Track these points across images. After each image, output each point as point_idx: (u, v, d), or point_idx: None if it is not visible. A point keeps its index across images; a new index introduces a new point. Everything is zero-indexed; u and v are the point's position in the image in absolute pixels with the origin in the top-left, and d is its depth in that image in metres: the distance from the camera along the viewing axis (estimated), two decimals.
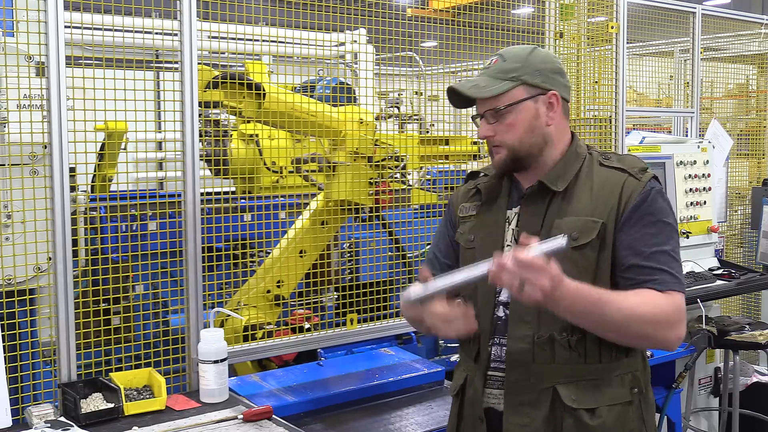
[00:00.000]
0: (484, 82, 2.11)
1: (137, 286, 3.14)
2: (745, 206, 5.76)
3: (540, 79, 2.09)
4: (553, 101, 2.10)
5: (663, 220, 2.04)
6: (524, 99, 2.08)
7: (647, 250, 2.00)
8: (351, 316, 3.37)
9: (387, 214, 3.80)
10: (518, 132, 2.09)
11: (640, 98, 6.49)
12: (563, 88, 2.13)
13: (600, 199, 2.06)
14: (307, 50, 4.80)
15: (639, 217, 2.02)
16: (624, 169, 2.09)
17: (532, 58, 2.11)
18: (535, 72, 2.09)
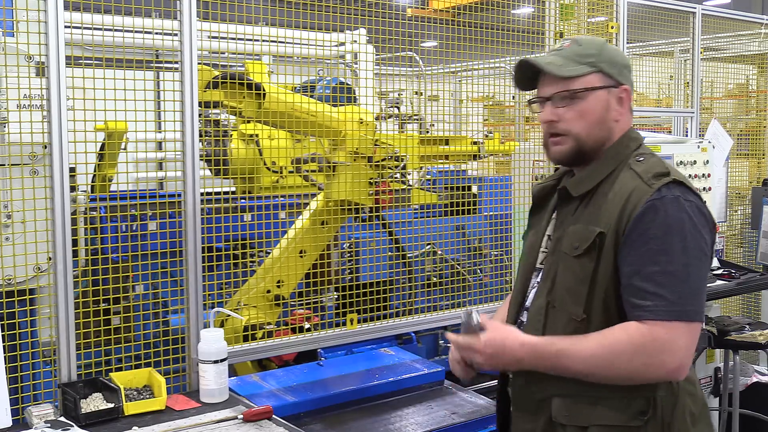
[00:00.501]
0: (560, 61, 1.96)
1: (137, 286, 3.14)
2: (745, 206, 5.76)
3: (616, 71, 1.99)
4: (624, 96, 2.00)
5: (673, 235, 1.81)
6: (599, 87, 1.96)
7: (646, 270, 1.82)
8: (351, 316, 3.37)
9: (387, 214, 3.80)
10: (588, 121, 1.97)
11: (640, 98, 6.49)
12: (630, 84, 2.03)
13: (610, 206, 1.91)
14: (307, 50, 4.80)
15: (642, 231, 1.83)
16: (639, 174, 1.92)
17: (608, 48, 2.01)
18: (611, 62, 1.98)
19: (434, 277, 4.43)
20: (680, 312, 1.81)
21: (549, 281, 1.99)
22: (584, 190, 1.98)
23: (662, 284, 1.81)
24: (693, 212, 1.84)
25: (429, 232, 4.02)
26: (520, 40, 3.90)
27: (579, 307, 1.92)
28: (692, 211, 1.84)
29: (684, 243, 1.82)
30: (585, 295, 1.90)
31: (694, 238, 1.83)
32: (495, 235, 4.27)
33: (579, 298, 1.92)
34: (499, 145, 4.19)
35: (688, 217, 1.83)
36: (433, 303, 3.94)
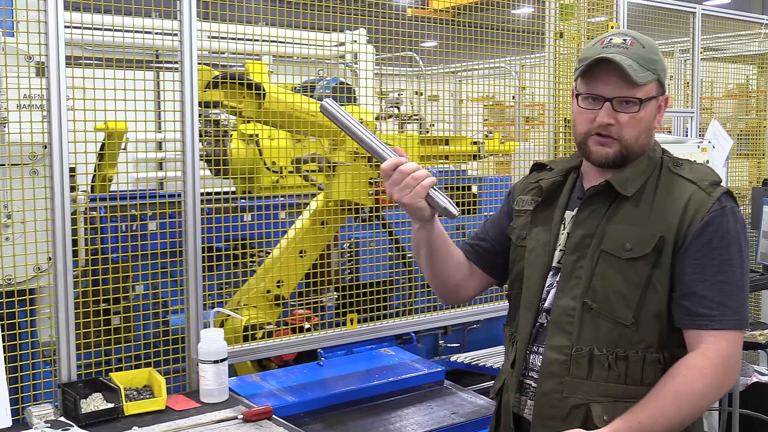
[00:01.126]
0: (635, 65, 1.87)
1: (137, 286, 3.14)
2: (745, 206, 5.76)
3: (665, 79, 1.96)
4: (662, 105, 1.96)
5: (734, 245, 1.85)
6: (654, 96, 1.92)
7: (711, 279, 1.83)
8: (351, 316, 3.37)
9: (387, 214, 3.80)
10: (641, 128, 1.92)
11: None
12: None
13: (662, 210, 1.88)
14: (307, 50, 4.80)
15: (707, 240, 1.83)
16: (693, 180, 1.89)
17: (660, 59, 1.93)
18: (665, 69, 1.95)
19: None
20: (742, 321, 1.85)
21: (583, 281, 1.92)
22: (634, 189, 1.93)
23: (728, 294, 1.84)
24: (743, 223, 1.90)
25: None
26: (520, 40, 3.90)
27: (629, 311, 1.87)
28: (742, 222, 1.90)
29: (741, 253, 1.88)
30: (637, 300, 1.86)
31: (747, 248, 1.90)
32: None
33: (629, 302, 1.87)
34: (499, 145, 4.19)
35: (742, 228, 1.89)
36: (433, 303, 3.94)
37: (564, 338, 1.92)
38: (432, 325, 3.80)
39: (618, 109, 1.89)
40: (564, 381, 1.91)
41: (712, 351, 1.81)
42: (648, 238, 1.86)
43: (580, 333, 1.90)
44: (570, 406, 1.90)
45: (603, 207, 1.95)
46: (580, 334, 1.90)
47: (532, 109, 7.61)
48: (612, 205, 1.94)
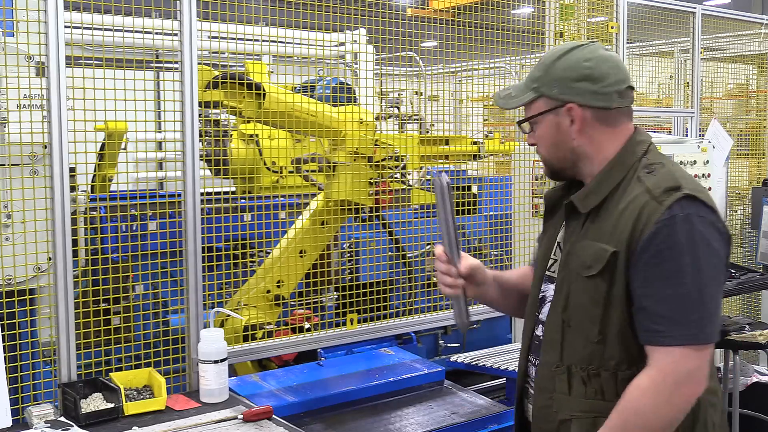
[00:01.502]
0: (517, 91, 1.96)
1: (137, 286, 3.14)
2: (745, 206, 5.76)
3: (557, 91, 1.89)
4: (573, 115, 1.89)
5: (685, 256, 1.73)
6: (545, 112, 1.91)
7: (659, 293, 1.75)
8: (351, 316, 3.37)
9: (387, 214, 3.80)
10: (546, 145, 1.95)
11: (640, 98, 6.49)
12: (590, 97, 1.88)
13: (621, 223, 1.82)
14: (307, 50, 4.80)
15: (655, 252, 1.75)
16: (649, 189, 1.81)
17: (558, 64, 1.90)
18: (553, 82, 1.89)
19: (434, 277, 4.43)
20: (693, 336, 1.74)
21: (563, 298, 1.93)
22: (592, 205, 1.89)
23: (675, 308, 1.74)
24: (705, 229, 1.76)
25: (429, 232, 4.02)
26: (520, 40, 3.90)
27: (595, 327, 1.85)
28: (704, 228, 1.76)
29: (697, 264, 1.74)
30: (600, 316, 1.84)
31: (706, 257, 1.75)
32: (495, 235, 4.27)
33: (594, 318, 1.85)
34: (499, 145, 4.19)
35: (700, 236, 1.75)
36: (433, 303, 3.94)
37: (552, 354, 1.93)
38: (432, 325, 3.80)
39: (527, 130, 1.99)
40: (553, 396, 1.92)
41: (654, 369, 1.76)
42: (602, 254, 1.82)
43: (562, 350, 1.91)
44: (558, 420, 1.91)
45: (579, 223, 1.93)
46: (562, 350, 1.91)
47: None
48: (585, 221, 1.91)
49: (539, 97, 1.91)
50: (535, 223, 4.08)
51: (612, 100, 1.90)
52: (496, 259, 4.33)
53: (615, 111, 1.92)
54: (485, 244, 4.69)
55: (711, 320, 1.76)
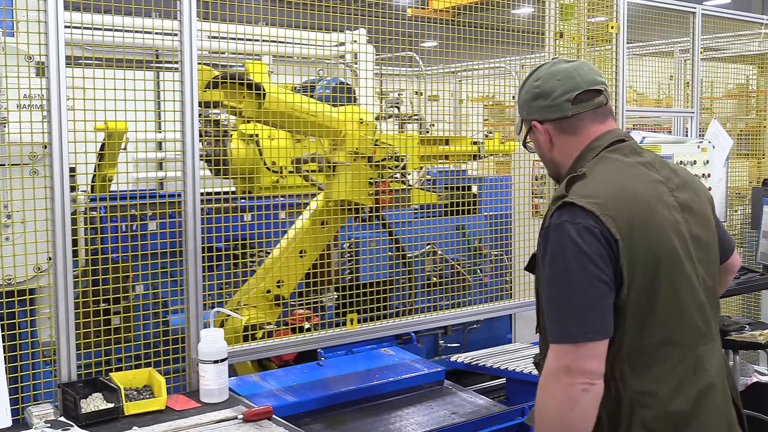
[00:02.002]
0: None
1: (137, 286, 3.14)
2: (745, 206, 5.76)
3: (525, 112, 2.10)
4: (538, 130, 2.08)
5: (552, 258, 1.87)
6: (527, 132, 2.13)
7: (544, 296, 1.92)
8: (351, 316, 3.37)
9: (387, 214, 3.80)
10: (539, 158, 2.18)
11: (640, 98, 6.49)
12: (545, 111, 2.04)
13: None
14: (307, 50, 4.80)
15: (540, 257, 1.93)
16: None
17: (521, 91, 2.13)
18: (522, 106, 2.12)
19: (434, 277, 4.43)
20: (562, 335, 1.84)
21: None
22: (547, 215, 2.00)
23: (551, 309, 1.87)
24: (578, 233, 1.85)
25: (429, 232, 4.02)
26: (520, 40, 3.90)
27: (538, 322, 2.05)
28: (577, 233, 1.85)
29: (565, 266, 1.85)
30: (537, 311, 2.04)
31: (576, 260, 1.84)
32: (495, 235, 4.27)
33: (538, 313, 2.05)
34: (499, 145, 4.19)
35: (570, 241, 1.85)
36: (433, 303, 3.94)
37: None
38: (432, 325, 3.80)
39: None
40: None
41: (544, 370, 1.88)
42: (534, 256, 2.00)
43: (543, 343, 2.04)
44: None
45: None
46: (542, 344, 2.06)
47: None
48: None
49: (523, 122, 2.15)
50: (535, 223, 4.08)
51: (565, 109, 2.03)
52: (496, 259, 4.33)
53: (575, 118, 2.03)
54: (485, 244, 4.70)
55: (576, 320, 1.83)
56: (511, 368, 3.41)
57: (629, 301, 1.87)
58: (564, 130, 2.05)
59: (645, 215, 1.91)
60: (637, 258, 1.87)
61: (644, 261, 1.88)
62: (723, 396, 2.00)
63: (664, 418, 1.91)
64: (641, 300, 1.88)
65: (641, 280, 1.87)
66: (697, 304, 1.97)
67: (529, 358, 3.52)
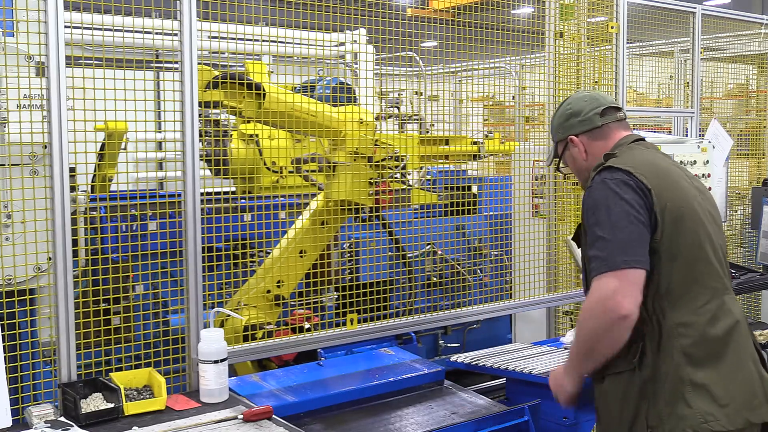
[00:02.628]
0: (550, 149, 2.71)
1: (137, 286, 3.14)
2: (745, 206, 5.76)
3: (561, 134, 2.59)
4: (574, 142, 2.55)
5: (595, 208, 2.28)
6: (563, 151, 2.61)
7: (589, 241, 2.29)
8: (351, 316, 3.37)
9: (387, 214, 3.80)
10: (576, 173, 2.64)
11: (640, 98, 6.49)
12: (579, 125, 2.54)
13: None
14: (307, 50, 4.80)
15: (584, 211, 2.36)
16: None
17: (554, 119, 2.63)
18: (557, 130, 2.61)
19: (434, 277, 4.43)
20: (609, 264, 2.20)
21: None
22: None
23: (597, 247, 2.24)
24: (616, 185, 2.28)
25: (429, 232, 4.03)
26: (520, 40, 3.90)
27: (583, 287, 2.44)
28: (615, 185, 2.28)
29: (608, 211, 2.25)
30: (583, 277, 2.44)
31: (616, 204, 2.25)
32: (495, 235, 4.27)
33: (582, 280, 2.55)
34: (499, 145, 4.19)
35: (611, 191, 2.28)
36: (433, 303, 3.94)
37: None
38: (432, 325, 3.80)
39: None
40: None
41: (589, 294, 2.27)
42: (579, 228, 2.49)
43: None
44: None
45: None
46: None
47: (532, 109, 7.61)
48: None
49: (557, 144, 2.63)
50: (535, 223, 4.09)
51: (595, 121, 2.53)
52: (496, 259, 4.33)
53: (604, 127, 2.53)
54: (485, 245, 4.70)
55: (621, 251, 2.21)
56: (511, 368, 3.40)
57: (662, 243, 2.26)
58: (596, 137, 2.53)
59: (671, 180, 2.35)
60: (665, 207, 2.27)
61: (671, 210, 2.28)
62: (747, 336, 2.37)
63: (701, 344, 2.26)
64: (672, 243, 2.27)
65: (670, 226, 2.27)
66: (717, 260, 2.35)
67: (529, 358, 3.52)
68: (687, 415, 2.20)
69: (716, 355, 2.28)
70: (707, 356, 2.26)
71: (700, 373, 2.24)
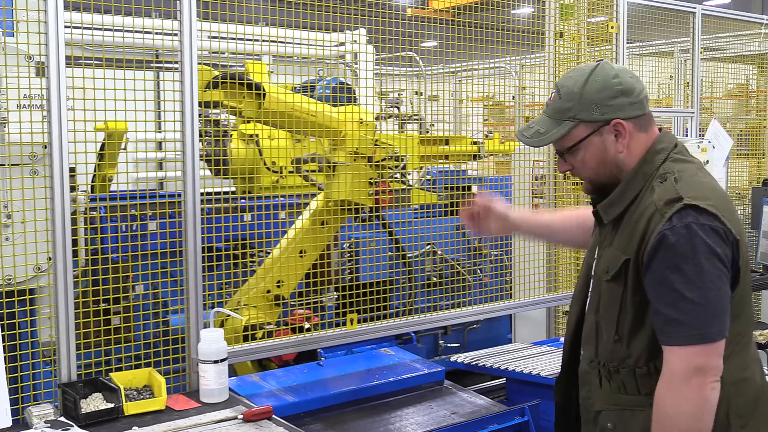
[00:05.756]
0: (545, 125, 2.06)
1: (137, 286, 3.14)
2: (745, 206, 5.76)
3: (599, 112, 2.00)
4: (620, 129, 2.01)
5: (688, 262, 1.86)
6: (587, 136, 2.02)
7: (666, 297, 1.88)
8: (351, 316, 3.37)
9: (387, 214, 3.80)
10: (591, 166, 2.06)
11: None
12: (629, 108, 2.01)
13: (635, 232, 1.96)
14: (307, 50, 4.80)
15: (659, 260, 1.89)
16: (654, 201, 1.94)
17: (587, 90, 2.00)
18: (591, 106, 2.00)
19: (434, 277, 4.43)
20: (699, 336, 1.86)
21: (596, 301, 2.09)
22: (614, 215, 2.04)
23: (682, 311, 1.86)
24: (706, 235, 1.87)
25: (429, 232, 4.03)
26: (520, 40, 3.90)
27: (612, 327, 2.02)
28: (705, 234, 1.87)
29: (698, 268, 1.86)
30: (616, 318, 2.00)
31: (708, 261, 1.87)
32: (495, 235, 4.26)
33: (612, 319, 2.02)
34: (499, 145, 4.19)
35: (701, 242, 1.86)
36: (433, 303, 3.94)
37: (590, 350, 2.10)
38: (432, 325, 3.80)
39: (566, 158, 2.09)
40: (591, 389, 2.11)
41: (666, 367, 1.90)
42: (617, 260, 1.99)
43: (597, 347, 2.08)
44: (594, 411, 2.10)
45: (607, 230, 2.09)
46: (597, 347, 2.08)
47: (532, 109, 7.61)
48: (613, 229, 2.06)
49: (577, 125, 2.01)
50: None
51: (645, 106, 2.05)
52: (496, 259, 4.33)
53: (647, 115, 2.06)
54: (485, 244, 4.69)
55: (715, 320, 1.87)
56: (511, 368, 3.41)
57: (734, 299, 1.94)
58: (640, 128, 2.04)
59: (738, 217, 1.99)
60: (747, 258, 1.98)
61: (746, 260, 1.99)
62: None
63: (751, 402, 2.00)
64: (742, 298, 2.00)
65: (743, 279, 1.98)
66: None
67: (529, 358, 3.52)
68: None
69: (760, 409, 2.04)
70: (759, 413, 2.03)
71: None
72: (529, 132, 2.08)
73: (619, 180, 2.06)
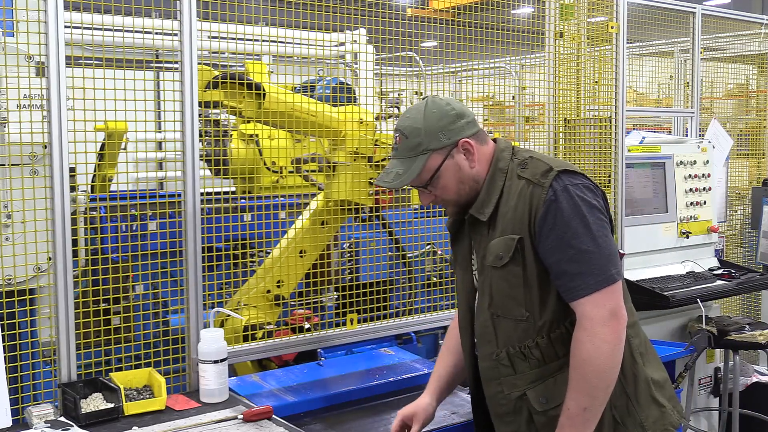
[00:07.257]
0: (402, 166, 2.22)
1: (137, 286, 3.14)
2: (745, 206, 5.77)
3: (446, 138, 2.20)
4: (467, 147, 2.22)
5: (574, 220, 2.09)
6: (442, 162, 2.21)
7: (565, 255, 2.09)
8: (351, 316, 3.37)
9: (387, 214, 3.80)
10: (452, 189, 2.25)
11: (640, 98, 6.49)
12: (468, 128, 2.22)
13: (517, 214, 2.16)
14: (307, 50, 4.80)
15: (551, 225, 2.10)
16: (528, 179, 2.17)
17: (429, 122, 2.19)
18: (438, 134, 2.19)
19: (434, 277, 4.43)
20: (603, 280, 2.07)
21: (487, 296, 2.24)
22: (489, 212, 2.22)
23: (581, 263, 2.07)
24: (582, 192, 2.12)
25: (429, 232, 4.02)
26: (520, 40, 3.90)
27: (521, 308, 2.19)
28: (582, 192, 2.12)
29: (585, 221, 2.09)
30: (522, 296, 2.17)
31: (591, 214, 2.11)
32: None
33: (518, 300, 2.18)
34: None
35: (581, 199, 2.11)
36: (433, 303, 3.94)
37: (489, 347, 2.26)
38: (432, 325, 3.80)
39: (427, 191, 2.27)
40: (501, 381, 2.25)
41: (584, 319, 2.08)
42: (510, 243, 2.16)
43: (497, 338, 2.23)
44: (514, 399, 2.23)
45: (483, 231, 2.25)
46: (497, 339, 2.23)
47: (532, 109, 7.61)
48: (488, 227, 2.23)
49: (431, 155, 2.20)
50: None
51: (477, 124, 2.27)
52: None
53: (481, 131, 2.28)
54: None
55: (611, 262, 2.10)
56: None
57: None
58: (480, 141, 2.26)
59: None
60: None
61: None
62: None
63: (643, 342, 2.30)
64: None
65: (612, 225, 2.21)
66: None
67: None
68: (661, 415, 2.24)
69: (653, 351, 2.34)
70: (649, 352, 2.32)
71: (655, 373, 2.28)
72: (389, 177, 2.24)
73: (478, 192, 2.25)
